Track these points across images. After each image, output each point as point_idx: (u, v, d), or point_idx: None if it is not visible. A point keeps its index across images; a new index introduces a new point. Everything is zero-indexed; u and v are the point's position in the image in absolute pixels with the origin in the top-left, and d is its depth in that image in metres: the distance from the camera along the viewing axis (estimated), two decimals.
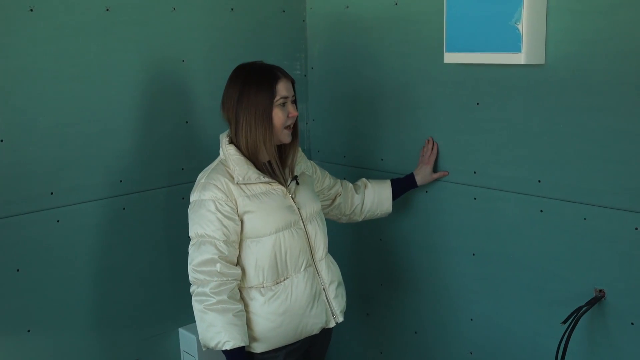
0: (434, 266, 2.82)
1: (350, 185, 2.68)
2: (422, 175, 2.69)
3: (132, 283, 2.71)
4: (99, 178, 2.56)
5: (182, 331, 2.87)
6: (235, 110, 2.23)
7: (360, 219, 2.71)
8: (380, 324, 3.13)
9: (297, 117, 2.30)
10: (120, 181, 2.62)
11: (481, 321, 2.69)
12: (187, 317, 2.88)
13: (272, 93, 2.21)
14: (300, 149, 2.47)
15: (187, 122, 2.79)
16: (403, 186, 2.71)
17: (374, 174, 2.95)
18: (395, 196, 2.69)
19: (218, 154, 2.33)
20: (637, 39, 2.10)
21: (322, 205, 2.56)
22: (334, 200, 2.63)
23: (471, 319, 2.72)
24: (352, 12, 2.95)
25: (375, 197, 2.67)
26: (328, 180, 2.61)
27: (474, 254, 2.66)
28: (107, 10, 2.51)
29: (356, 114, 3.01)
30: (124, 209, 2.64)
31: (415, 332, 2.96)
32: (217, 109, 2.83)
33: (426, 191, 2.78)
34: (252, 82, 2.21)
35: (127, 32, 2.58)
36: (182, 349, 2.89)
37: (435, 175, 2.69)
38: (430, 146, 2.69)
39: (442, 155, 2.70)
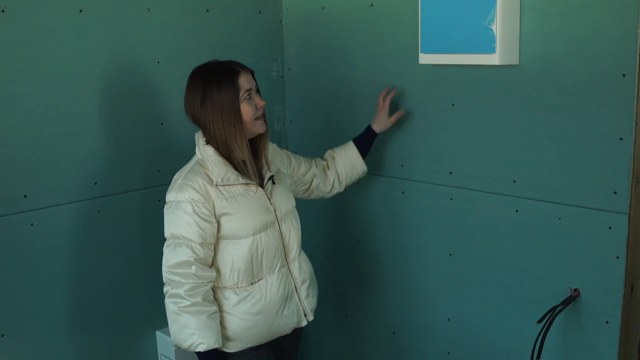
0: (410, 267, 2.83)
1: (323, 163, 2.66)
2: (378, 122, 2.66)
3: (108, 286, 2.69)
4: (73, 180, 2.54)
5: (159, 334, 2.86)
6: (199, 115, 2.19)
7: (342, 189, 2.70)
8: (359, 324, 3.13)
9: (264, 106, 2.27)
10: (95, 183, 2.60)
11: (458, 321, 2.70)
12: (164, 320, 2.83)
13: (236, 88, 2.16)
14: (272, 143, 2.44)
15: (162, 124, 2.77)
16: (365, 141, 2.68)
17: None
18: (363, 153, 2.67)
19: (194, 156, 2.30)
20: (610, 39, 2.12)
21: (301, 190, 2.58)
22: (311, 183, 2.61)
23: (448, 319, 2.73)
24: (328, 13, 2.95)
25: (346, 164, 2.65)
26: (303, 166, 2.58)
27: (450, 254, 2.67)
28: (81, 11, 2.49)
29: (333, 114, 3.01)
30: (99, 211, 2.62)
31: (394, 333, 2.96)
32: None
33: (402, 192, 2.78)
34: (213, 82, 2.16)
35: (101, 33, 2.55)
36: (159, 351, 2.88)
37: (393, 119, 2.65)
38: (384, 94, 2.66)
39: (418, 155, 2.71)
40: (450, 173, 2.61)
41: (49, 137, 2.46)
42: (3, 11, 2.31)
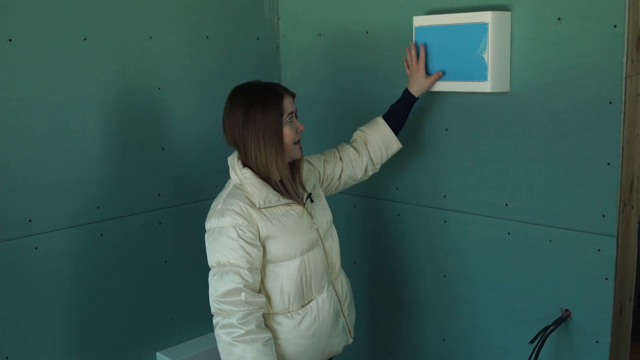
0: (406, 288, 2.87)
1: (350, 149, 2.52)
2: (416, 84, 2.50)
3: (110, 308, 2.73)
4: (76, 205, 2.59)
5: (160, 355, 2.89)
6: (241, 134, 2.11)
7: (378, 169, 2.58)
8: (354, 345, 3.12)
9: None
10: (98, 207, 2.65)
11: (453, 341, 2.74)
12: (165, 342, 2.90)
13: (280, 111, 2.10)
14: (305, 162, 2.35)
15: (163, 149, 2.82)
16: (403, 107, 2.52)
17: (350, 199, 3.00)
18: (401, 120, 2.53)
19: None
20: (597, 68, 2.19)
21: (334, 187, 2.50)
22: (340, 178, 2.51)
23: (443, 339, 2.78)
24: (324, 39, 3.01)
25: (380, 145, 2.51)
26: (329, 168, 2.47)
27: (444, 276, 2.72)
28: (85, 39, 2.55)
29: (329, 139, 3.05)
30: (101, 235, 2.67)
31: (389, 353, 3.00)
32: (192, 135, 2.88)
33: (398, 214, 2.83)
34: (257, 102, 2.09)
35: (104, 60, 2.61)
36: None
37: (432, 79, 2.48)
38: (413, 52, 2.52)
39: (413, 179, 2.76)
40: (445, 196, 2.67)
41: (53, 163, 2.51)
42: (10, 40, 2.36)
